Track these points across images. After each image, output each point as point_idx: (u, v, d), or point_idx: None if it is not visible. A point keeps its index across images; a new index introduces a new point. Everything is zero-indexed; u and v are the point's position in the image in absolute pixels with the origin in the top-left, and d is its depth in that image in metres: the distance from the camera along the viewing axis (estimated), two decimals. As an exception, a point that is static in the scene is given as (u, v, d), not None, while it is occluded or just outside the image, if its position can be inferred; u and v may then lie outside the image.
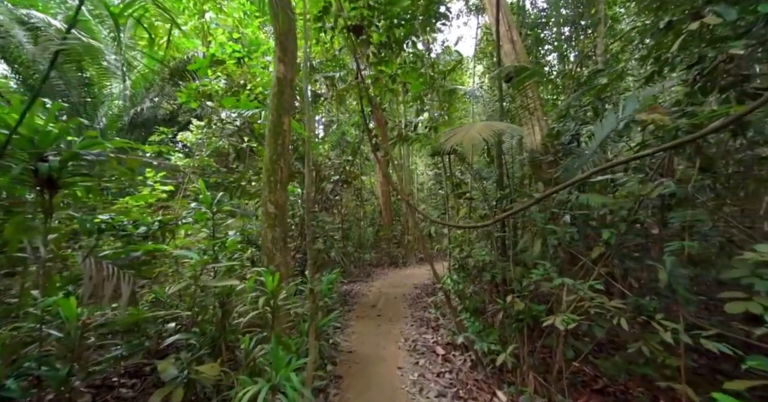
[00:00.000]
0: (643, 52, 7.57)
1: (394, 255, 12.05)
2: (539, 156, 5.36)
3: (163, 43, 8.81)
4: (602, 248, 2.93)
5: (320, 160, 7.98)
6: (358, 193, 11.24)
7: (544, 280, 2.84)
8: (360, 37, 3.61)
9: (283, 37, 3.45)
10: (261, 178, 3.59)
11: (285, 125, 3.59)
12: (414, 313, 5.95)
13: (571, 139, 5.37)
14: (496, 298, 3.54)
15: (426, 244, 4.56)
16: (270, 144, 3.55)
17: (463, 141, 2.70)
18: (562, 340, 2.91)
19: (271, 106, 3.56)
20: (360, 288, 8.26)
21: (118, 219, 3.05)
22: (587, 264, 3.17)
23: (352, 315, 5.88)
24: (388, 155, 4.37)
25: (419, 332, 4.83)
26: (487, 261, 3.57)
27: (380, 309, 6.24)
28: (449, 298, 3.75)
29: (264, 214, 3.56)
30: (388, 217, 12.62)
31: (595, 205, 3.40)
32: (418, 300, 6.93)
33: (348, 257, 9.96)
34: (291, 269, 5.48)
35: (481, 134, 2.76)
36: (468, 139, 2.71)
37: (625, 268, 3.15)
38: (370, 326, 5.22)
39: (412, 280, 8.95)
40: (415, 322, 5.39)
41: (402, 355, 4.01)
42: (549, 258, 3.38)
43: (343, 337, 4.68)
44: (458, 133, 2.90)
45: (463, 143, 2.71)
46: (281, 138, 3.57)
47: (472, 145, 2.69)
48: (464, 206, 6.19)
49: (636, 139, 4.49)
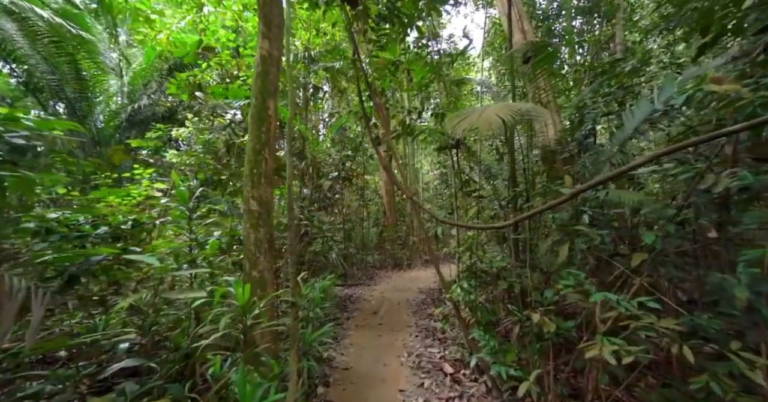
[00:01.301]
0: (669, 38, 7.00)
1: (398, 256, 11.59)
2: (558, 149, 4.86)
3: (160, 38, 8.47)
4: (644, 255, 2.41)
5: (321, 157, 7.55)
6: (361, 193, 10.78)
7: (576, 293, 2.34)
8: (356, 8, 3.15)
9: (267, 8, 3.00)
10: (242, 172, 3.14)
11: (270, 110, 3.13)
12: (418, 321, 5.46)
13: (587, 134, 4.93)
14: (513, 311, 3.04)
15: (432, 246, 4.07)
16: (253, 132, 3.10)
17: (478, 124, 2.22)
18: (597, 364, 2.41)
19: (255, 89, 3.10)
20: (361, 292, 7.80)
21: (72, 217, 2.62)
22: (622, 273, 2.67)
23: (351, 323, 5.41)
24: (391, 150, 3.90)
25: (424, 345, 4.34)
26: (502, 267, 3.07)
27: (382, 316, 5.76)
28: (459, 309, 3.27)
29: (246, 213, 3.11)
30: (393, 218, 12.15)
31: (628, 203, 2.90)
32: (423, 306, 6.44)
33: (350, 259, 9.51)
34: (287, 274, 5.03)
35: (499, 115, 2.27)
36: (484, 122, 2.23)
37: (670, 279, 2.64)
38: (370, 337, 4.75)
39: (417, 284, 8.47)
40: (420, 332, 4.90)
41: (405, 373, 3.53)
42: (576, 265, 2.88)
43: (340, 350, 4.21)
44: (472, 115, 2.41)
45: (478, 126, 2.23)
46: (266, 125, 3.12)
47: (489, 129, 2.20)
48: (473, 205, 5.69)
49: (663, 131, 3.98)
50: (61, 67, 8.94)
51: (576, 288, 2.35)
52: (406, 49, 5.18)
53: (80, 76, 9.14)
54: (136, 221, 3.45)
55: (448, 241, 11.11)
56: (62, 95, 8.96)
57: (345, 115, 6.68)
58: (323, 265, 6.01)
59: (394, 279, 9.48)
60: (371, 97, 3.62)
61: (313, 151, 6.95)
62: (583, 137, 4.75)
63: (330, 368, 3.59)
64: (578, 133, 4.66)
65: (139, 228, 3.57)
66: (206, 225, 3.51)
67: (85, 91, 9.27)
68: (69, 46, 8.69)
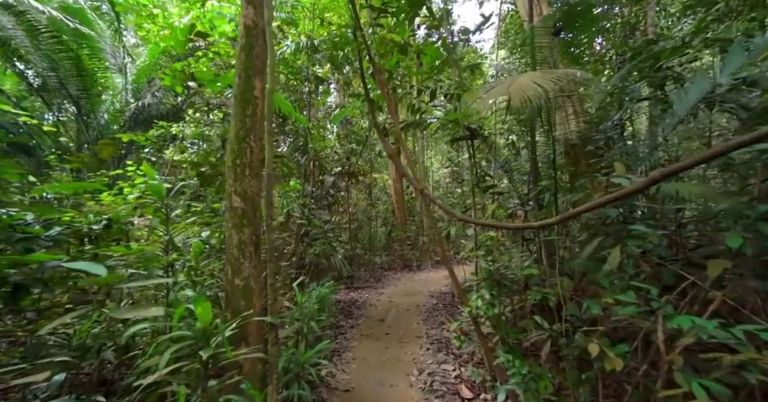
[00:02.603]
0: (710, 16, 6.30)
1: (408, 257, 11.08)
2: (585, 140, 4.32)
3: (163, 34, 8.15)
4: (726, 262, 1.86)
5: (326, 153, 7.10)
6: (369, 191, 10.31)
7: (642, 313, 1.81)
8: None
9: (251, -34, 2.55)
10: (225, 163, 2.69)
11: (257, 90, 2.67)
12: (430, 331, 4.95)
13: (616, 124, 4.40)
14: (548, 328, 2.51)
15: (444, 246, 3.57)
16: (236, 115, 2.64)
17: (511, 92, 1.71)
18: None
19: (238, 65, 2.65)
20: (368, 296, 7.31)
21: (17, 216, 2.20)
22: (692, 285, 2.12)
23: (355, 333, 4.93)
24: (399, 140, 3.39)
25: (437, 360, 3.84)
26: (532, 274, 2.54)
27: (389, 325, 5.26)
28: (479, 325, 2.75)
29: (228, 210, 2.65)
30: (402, 217, 11.65)
31: (688, 197, 2.36)
32: (435, 312, 5.93)
33: (356, 260, 9.05)
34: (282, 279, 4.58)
35: (537, 83, 1.75)
36: (517, 91, 1.71)
37: (761, 293, 2.07)
38: (375, 349, 4.26)
39: (427, 287, 7.95)
40: (432, 344, 4.39)
41: (415, 397, 3.03)
42: (630, 273, 2.33)
43: (341, 366, 3.74)
44: (501, 85, 1.90)
45: (511, 96, 1.71)
46: (251, 107, 2.66)
47: (523, 99, 1.68)
48: (491, 202, 5.15)
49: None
50: (62, 62, 8.70)
51: (638, 305, 1.81)
52: (415, 30, 4.68)
53: (82, 73, 8.90)
54: (111, 220, 3.03)
55: (458, 242, 10.45)
56: (65, 93, 8.74)
57: (349, 105, 6.20)
58: (325, 269, 5.54)
59: (402, 281, 8.98)
60: (374, 75, 3.13)
61: (317, 146, 6.50)
62: (613, 127, 4.23)
63: (328, 390, 3.11)
64: (603, 125, 4.15)
65: (118, 228, 3.16)
66: (188, 224, 3.08)
67: (89, 89, 9.04)
68: (70, 41, 8.46)
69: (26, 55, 8.36)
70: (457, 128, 5.03)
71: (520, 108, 2.10)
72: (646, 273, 2.35)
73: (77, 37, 8.74)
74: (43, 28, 8.13)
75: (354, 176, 6.15)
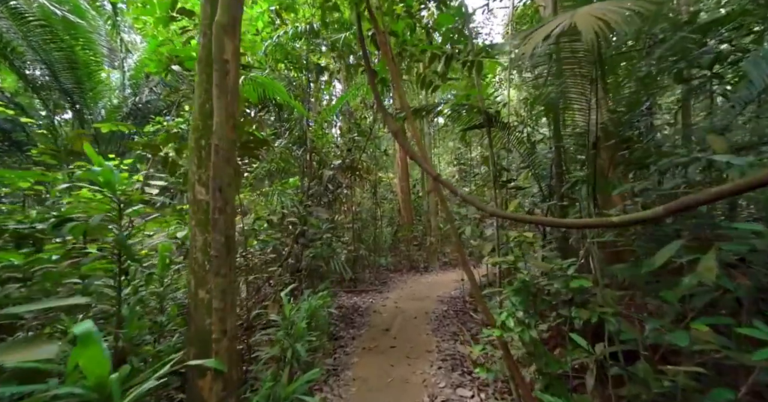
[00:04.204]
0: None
1: (415, 259, 10.49)
2: (614, 131, 3.76)
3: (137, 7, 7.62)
4: None
5: (328, 147, 6.55)
6: (374, 190, 9.75)
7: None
8: None
9: None
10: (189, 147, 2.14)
11: (227, 53, 2.12)
12: (441, 343, 4.36)
13: (644, 113, 3.89)
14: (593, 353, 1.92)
15: (462, 249, 2.99)
16: (200, 84, 2.09)
17: (576, 21, 1.12)
18: None
19: (203, 18, 2.10)
20: (372, 301, 6.75)
21: None
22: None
23: (357, 345, 4.36)
24: (406, 109, 2.81)
25: (451, 382, 3.25)
26: (581, 288, 1.94)
27: (395, 336, 4.68)
28: (509, 351, 2.15)
29: (191, 204, 2.10)
30: (408, 217, 11.08)
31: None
32: (446, 321, 5.34)
33: (360, 262, 8.48)
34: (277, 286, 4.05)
35: (599, 17, 1.16)
36: (587, 17, 1.12)
37: None
38: (379, 367, 3.69)
39: (436, 291, 7.35)
40: (444, 361, 3.81)
41: (426, 436, 2.45)
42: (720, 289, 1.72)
43: (338, 390, 3.17)
44: (552, 22, 1.31)
45: (578, 26, 1.13)
46: (220, 74, 2.11)
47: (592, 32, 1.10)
48: (511, 198, 4.55)
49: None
50: (52, 53, 8.27)
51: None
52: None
53: (74, 66, 8.48)
54: (60, 218, 2.50)
55: (468, 243, 9.80)
56: (60, 86, 8.33)
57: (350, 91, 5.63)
58: (324, 273, 4.98)
59: (409, 284, 8.40)
60: (373, 39, 2.56)
61: (318, 142, 5.96)
62: (642, 114, 3.71)
63: (320, 425, 2.55)
64: (627, 115, 3.60)
65: (80, 227, 2.64)
66: (147, 222, 2.54)
67: (83, 82, 8.62)
68: (61, 31, 8.03)
69: (17, 47, 7.94)
70: (471, 116, 4.45)
71: (594, 42, 1.51)
72: (743, 288, 1.74)
73: (67, 27, 8.32)
74: (31, 17, 7.71)
75: (355, 170, 5.57)
